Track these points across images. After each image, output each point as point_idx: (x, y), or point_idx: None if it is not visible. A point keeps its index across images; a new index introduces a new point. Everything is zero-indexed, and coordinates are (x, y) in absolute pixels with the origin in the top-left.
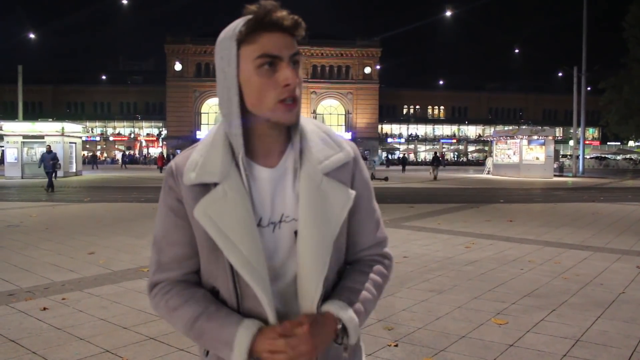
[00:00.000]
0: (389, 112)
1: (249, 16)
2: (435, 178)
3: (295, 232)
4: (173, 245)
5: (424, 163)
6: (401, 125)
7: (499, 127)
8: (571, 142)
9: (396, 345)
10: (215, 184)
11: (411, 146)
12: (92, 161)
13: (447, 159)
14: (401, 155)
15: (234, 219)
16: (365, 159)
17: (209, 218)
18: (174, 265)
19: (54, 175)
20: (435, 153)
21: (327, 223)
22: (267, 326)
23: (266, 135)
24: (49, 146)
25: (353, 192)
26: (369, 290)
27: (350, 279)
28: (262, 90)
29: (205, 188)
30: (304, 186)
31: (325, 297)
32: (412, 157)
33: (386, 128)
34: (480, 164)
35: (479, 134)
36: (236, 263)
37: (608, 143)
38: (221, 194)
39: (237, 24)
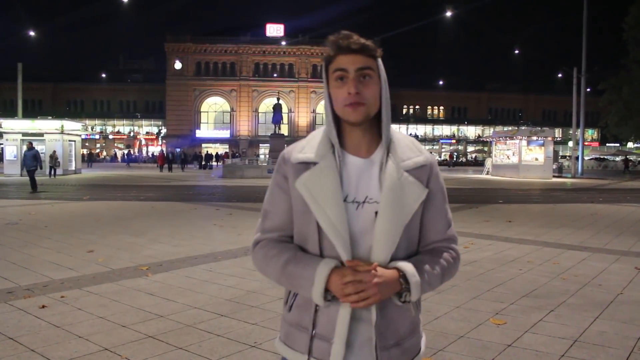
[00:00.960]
0: None
1: (331, 45)
2: None
3: (376, 213)
4: (275, 214)
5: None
6: (400, 125)
7: (499, 128)
8: (570, 143)
9: None
10: (315, 164)
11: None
12: (88, 159)
13: (455, 160)
14: None
15: (326, 190)
16: None
17: (307, 188)
18: (273, 229)
19: (53, 173)
20: (430, 153)
21: (402, 209)
22: (342, 266)
23: (352, 132)
24: (30, 143)
25: (427, 190)
26: (433, 266)
27: (419, 257)
28: (337, 97)
29: (306, 166)
30: (387, 177)
31: None
32: None
33: None
34: (478, 164)
35: (479, 135)
36: (323, 224)
37: (607, 144)
38: (318, 170)
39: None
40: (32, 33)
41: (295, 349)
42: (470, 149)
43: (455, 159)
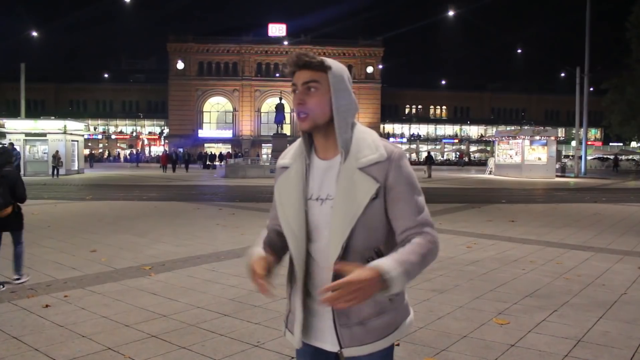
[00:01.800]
0: (391, 112)
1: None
2: (429, 176)
3: (332, 207)
4: (273, 208)
5: (447, 162)
6: (403, 125)
7: (501, 127)
8: (573, 143)
9: (397, 345)
10: (287, 167)
11: (413, 146)
12: (90, 159)
13: (466, 160)
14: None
15: (288, 192)
16: None
17: (277, 190)
18: (272, 218)
19: (55, 173)
20: (429, 152)
21: (352, 203)
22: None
23: (317, 138)
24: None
25: (377, 184)
26: (408, 255)
27: (394, 251)
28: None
29: (284, 170)
30: (341, 175)
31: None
32: (413, 156)
33: (388, 128)
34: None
35: (481, 134)
36: (282, 222)
37: (610, 144)
38: (286, 174)
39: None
40: (34, 33)
41: (285, 322)
42: (472, 148)
43: (467, 159)
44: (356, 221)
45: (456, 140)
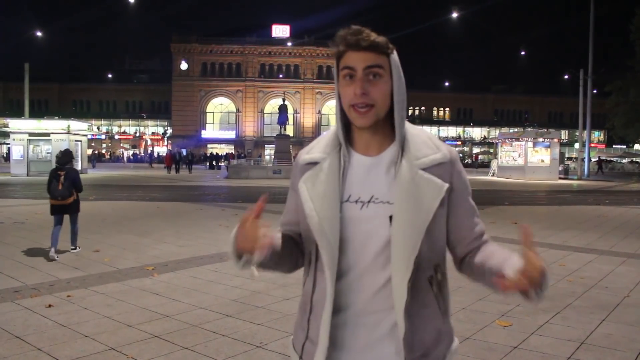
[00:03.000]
0: None
1: (340, 40)
2: None
3: (390, 218)
4: (287, 212)
5: None
6: None
7: (504, 129)
8: (577, 145)
9: None
10: (317, 163)
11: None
12: (93, 159)
13: (481, 161)
14: None
15: (321, 190)
16: None
17: (306, 188)
18: (284, 224)
19: None
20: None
21: (419, 209)
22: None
23: (362, 132)
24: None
25: (446, 185)
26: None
27: (492, 255)
28: (343, 96)
29: (312, 166)
30: (401, 176)
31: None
32: None
33: None
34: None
35: (484, 136)
36: (313, 225)
37: (614, 146)
38: (318, 170)
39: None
40: (38, 33)
41: (295, 347)
42: (475, 150)
43: (482, 161)
44: (425, 232)
45: (459, 142)
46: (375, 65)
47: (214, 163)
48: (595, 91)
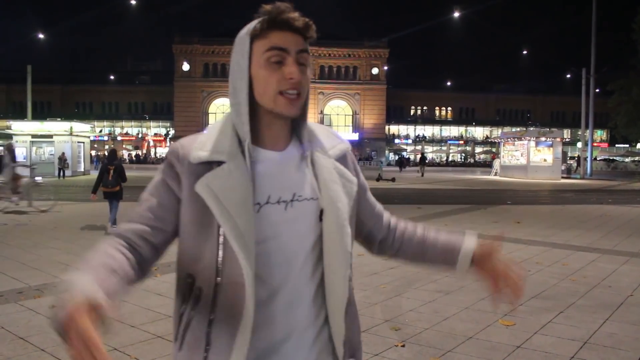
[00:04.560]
0: (396, 113)
1: (264, 15)
2: (422, 175)
3: (321, 212)
4: (145, 202)
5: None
6: (408, 126)
7: (507, 129)
8: (579, 144)
9: (403, 346)
10: (220, 163)
11: (418, 147)
12: (95, 161)
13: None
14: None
15: (236, 194)
16: (371, 158)
17: (211, 191)
18: (137, 221)
19: (62, 174)
20: (423, 154)
21: (345, 201)
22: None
23: (272, 124)
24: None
25: (355, 177)
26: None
27: (428, 231)
28: (267, 81)
29: (209, 166)
30: (321, 169)
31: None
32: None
33: (393, 129)
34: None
35: (487, 136)
36: (230, 233)
37: (616, 145)
38: (226, 171)
39: (254, 22)
40: (41, 35)
41: None
42: (478, 150)
43: (484, 160)
44: (350, 222)
45: (461, 142)
46: (305, 51)
47: None
48: (597, 90)
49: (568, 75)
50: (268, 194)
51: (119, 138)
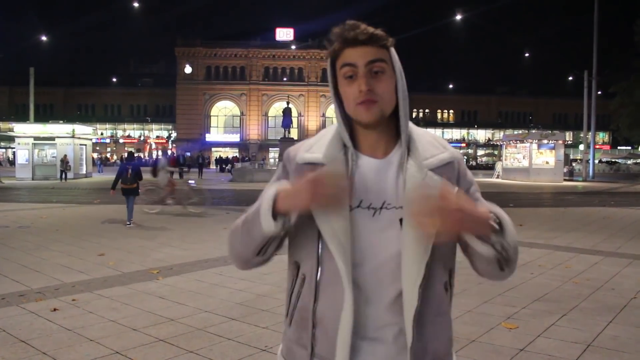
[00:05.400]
0: None
1: (336, 37)
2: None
3: (401, 220)
4: None
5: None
6: None
7: (509, 131)
8: (581, 147)
9: None
10: (322, 165)
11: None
12: (99, 163)
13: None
14: None
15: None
16: None
17: None
18: None
19: (64, 176)
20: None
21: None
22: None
23: (367, 133)
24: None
25: (456, 187)
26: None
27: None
28: (346, 96)
29: (312, 167)
30: (409, 178)
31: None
32: None
33: None
34: (489, 167)
35: (489, 138)
36: (326, 233)
37: (619, 147)
38: None
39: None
40: (43, 38)
41: None
42: (480, 152)
43: (486, 163)
44: (436, 233)
45: (463, 144)
46: (377, 60)
47: (224, 166)
48: (599, 92)
49: (570, 78)
50: (360, 199)
51: (121, 140)
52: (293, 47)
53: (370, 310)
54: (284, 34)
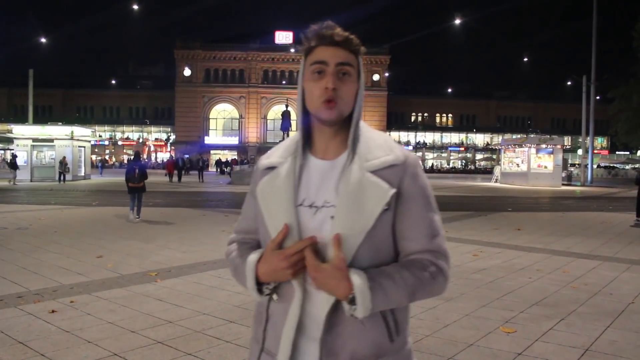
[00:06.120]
0: (397, 120)
1: (312, 34)
2: None
3: (333, 217)
4: (245, 218)
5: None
6: (409, 133)
7: (507, 136)
8: (580, 151)
9: None
10: (276, 167)
11: (419, 154)
12: (100, 165)
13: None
14: None
15: (277, 195)
16: None
17: (262, 193)
18: (241, 231)
19: (62, 178)
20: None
21: (361, 213)
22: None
23: (322, 133)
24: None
25: (392, 190)
26: (397, 278)
27: (384, 267)
28: (312, 91)
29: (269, 171)
30: (347, 177)
31: None
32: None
33: (394, 135)
34: (487, 172)
35: (487, 142)
36: (271, 230)
37: (617, 152)
38: (275, 175)
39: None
40: (43, 39)
41: None
42: (478, 156)
43: (484, 167)
44: (364, 236)
45: (462, 149)
46: (346, 63)
47: (224, 168)
48: (598, 97)
49: (569, 83)
50: (304, 197)
51: (119, 143)
52: (292, 50)
53: (311, 308)
54: (283, 37)
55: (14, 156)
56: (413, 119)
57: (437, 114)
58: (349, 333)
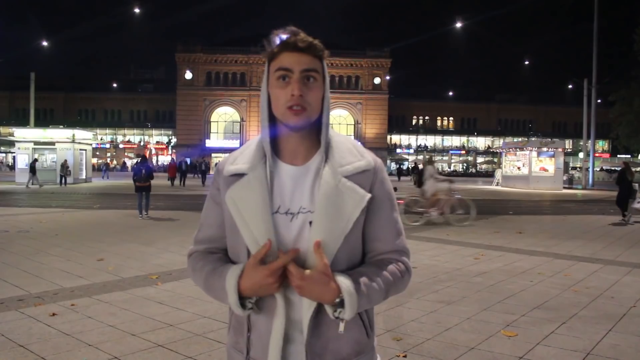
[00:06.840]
0: (398, 123)
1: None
2: (418, 186)
3: (310, 223)
4: (207, 226)
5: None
6: (410, 136)
7: (508, 139)
8: (581, 155)
9: (405, 356)
10: (244, 175)
11: (420, 157)
12: (104, 169)
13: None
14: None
15: (252, 203)
16: None
17: (233, 201)
18: (204, 241)
19: (63, 181)
20: (416, 163)
21: (339, 218)
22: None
23: (290, 139)
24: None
25: (368, 195)
26: (375, 279)
27: (360, 268)
28: (277, 98)
29: (237, 178)
30: (323, 183)
31: None
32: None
33: (395, 138)
34: (489, 175)
35: (488, 146)
36: (247, 240)
37: (618, 156)
38: (246, 182)
39: (269, 47)
40: (44, 43)
41: None
42: (479, 160)
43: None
44: (342, 240)
45: (463, 152)
46: (311, 69)
47: None
48: (599, 101)
49: (570, 86)
50: (279, 205)
51: (121, 146)
52: None
53: (294, 314)
54: None
55: (35, 160)
56: (414, 122)
57: (438, 117)
58: (332, 334)
